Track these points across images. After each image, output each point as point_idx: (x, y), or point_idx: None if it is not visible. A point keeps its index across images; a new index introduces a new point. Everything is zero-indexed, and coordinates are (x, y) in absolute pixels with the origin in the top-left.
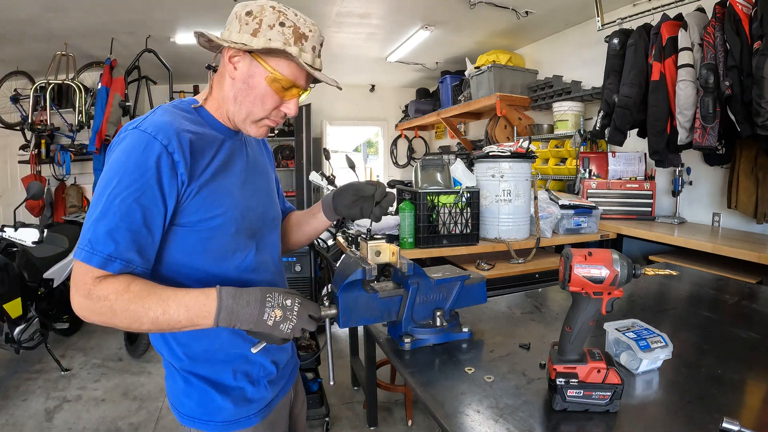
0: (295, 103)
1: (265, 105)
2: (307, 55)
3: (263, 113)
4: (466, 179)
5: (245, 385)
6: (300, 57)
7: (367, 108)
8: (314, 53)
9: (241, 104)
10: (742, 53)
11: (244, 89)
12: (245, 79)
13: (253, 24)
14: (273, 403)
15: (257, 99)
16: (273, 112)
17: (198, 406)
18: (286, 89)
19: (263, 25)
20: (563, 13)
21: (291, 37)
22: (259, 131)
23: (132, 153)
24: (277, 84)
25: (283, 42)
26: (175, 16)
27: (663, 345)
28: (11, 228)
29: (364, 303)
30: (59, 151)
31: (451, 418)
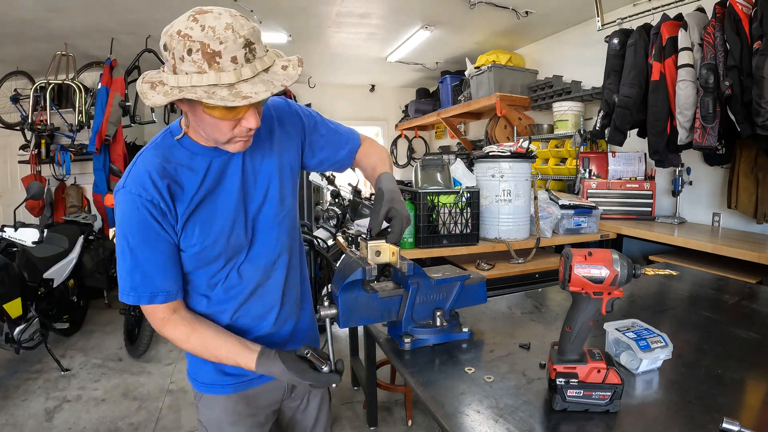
0: (250, 115)
1: (222, 130)
2: (227, 74)
3: (225, 137)
4: (466, 179)
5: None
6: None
7: (367, 108)
8: (237, 64)
9: (204, 133)
10: (742, 53)
11: (197, 122)
12: (193, 115)
13: (171, 59)
14: (253, 383)
15: (212, 127)
16: (235, 131)
17: (191, 364)
18: (230, 110)
19: (176, 59)
20: (563, 13)
21: (203, 62)
22: (236, 147)
23: (127, 213)
24: (217, 111)
25: (196, 72)
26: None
27: (663, 345)
28: (11, 228)
29: (364, 303)
30: (59, 151)
31: (451, 418)
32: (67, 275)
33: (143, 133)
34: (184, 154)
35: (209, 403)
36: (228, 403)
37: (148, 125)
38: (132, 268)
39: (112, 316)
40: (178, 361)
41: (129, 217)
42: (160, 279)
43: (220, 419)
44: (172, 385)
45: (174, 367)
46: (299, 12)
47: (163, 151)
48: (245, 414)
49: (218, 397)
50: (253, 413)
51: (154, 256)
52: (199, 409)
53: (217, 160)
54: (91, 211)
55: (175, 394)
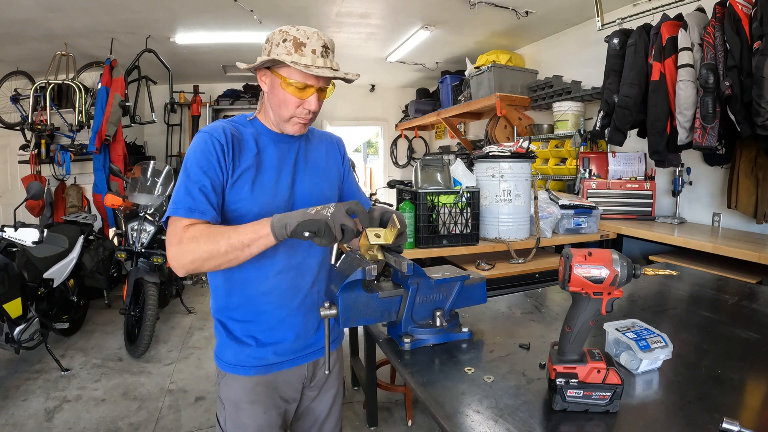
0: (313, 99)
1: (288, 106)
2: (306, 58)
3: (288, 113)
4: (466, 179)
5: (251, 343)
6: (300, 61)
7: (367, 108)
8: (315, 55)
9: (273, 109)
10: (742, 53)
11: (271, 97)
12: (271, 90)
13: (268, 47)
14: (274, 368)
15: (281, 102)
16: (297, 110)
17: (218, 345)
18: (301, 89)
19: (272, 46)
20: (563, 13)
21: (292, 48)
22: (294, 128)
23: (196, 145)
24: (291, 87)
25: (285, 53)
26: (175, 16)
27: (663, 345)
28: (11, 228)
29: (364, 303)
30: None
31: (451, 418)
32: (67, 275)
33: (143, 133)
34: (251, 131)
35: (231, 382)
36: (248, 384)
37: (148, 125)
38: (179, 187)
39: (112, 316)
40: (179, 361)
41: (194, 149)
42: (201, 200)
43: (239, 398)
44: (172, 385)
45: (174, 367)
46: (299, 12)
47: (236, 124)
48: (264, 395)
49: (240, 377)
50: (271, 395)
51: (202, 181)
52: (220, 387)
53: (274, 144)
54: (91, 211)
55: (175, 394)
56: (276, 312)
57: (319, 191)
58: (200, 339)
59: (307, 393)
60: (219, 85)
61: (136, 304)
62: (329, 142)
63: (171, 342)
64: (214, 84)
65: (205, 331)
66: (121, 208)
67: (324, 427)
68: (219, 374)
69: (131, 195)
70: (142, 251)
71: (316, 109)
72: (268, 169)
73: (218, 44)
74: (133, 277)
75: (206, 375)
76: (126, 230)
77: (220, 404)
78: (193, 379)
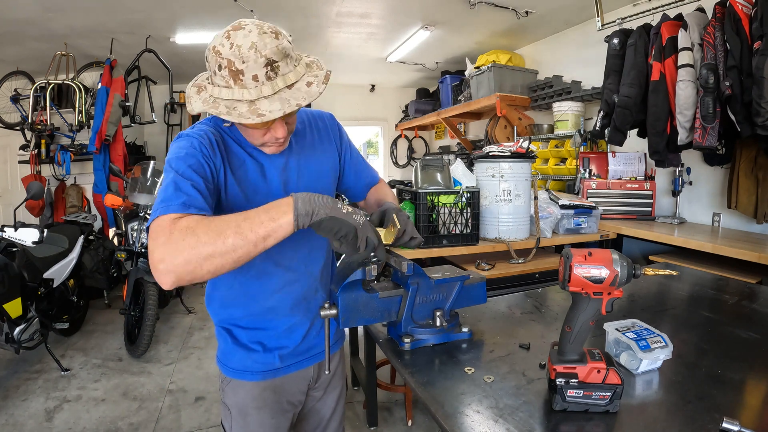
0: (278, 126)
1: (254, 136)
2: (249, 92)
3: (258, 141)
4: (466, 179)
5: (258, 348)
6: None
7: (367, 108)
8: (257, 82)
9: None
10: (742, 53)
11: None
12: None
13: (208, 67)
14: (281, 372)
15: (246, 132)
16: (266, 138)
17: (221, 351)
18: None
19: (212, 72)
20: (563, 13)
21: (229, 78)
22: (270, 150)
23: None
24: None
25: (224, 85)
26: (175, 16)
27: (663, 345)
28: (11, 228)
29: (364, 303)
30: (59, 151)
31: (451, 418)
32: (67, 275)
33: (143, 133)
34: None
35: (236, 388)
36: (255, 389)
37: (148, 125)
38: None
39: (112, 316)
40: (178, 361)
41: (179, 150)
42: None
43: (246, 404)
44: (172, 385)
45: (174, 367)
46: (299, 12)
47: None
48: (271, 400)
49: (247, 383)
50: (278, 400)
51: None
52: (225, 392)
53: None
54: (91, 211)
55: (175, 394)
56: (283, 320)
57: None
58: (200, 339)
59: (312, 394)
60: None
61: (136, 304)
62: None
63: (171, 342)
64: None
65: (205, 331)
66: (121, 208)
67: (329, 427)
68: (223, 380)
69: (131, 195)
70: (142, 251)
71: (285, 134)
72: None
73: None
74: (133, 277)
75: (206, 375)
76: (126, 230)
77: (224, 410)
78: (193, 379)
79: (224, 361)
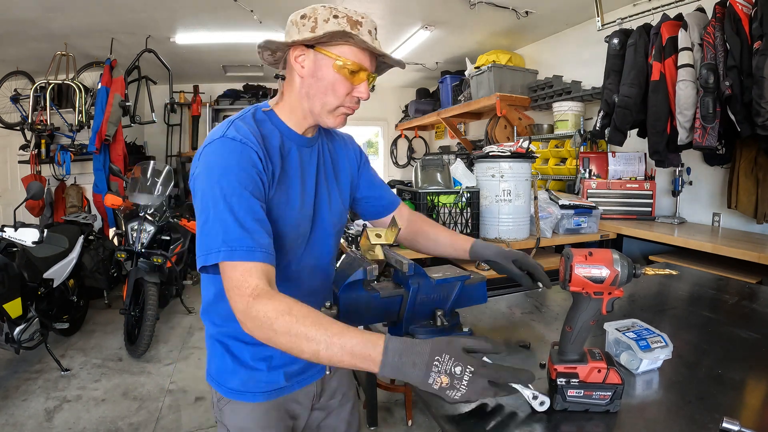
0: (365, 86)
1: (337, 93)
2: (366, 38)
3: (337, 101)
4: (466, 179)
5: (262, 367)
6: (359, 37)
7: (367, 108)
8: (371, 36)
9: (314, 97)
10: (742, 53)
11: (314, 83)
12: (314, 73)
13: (309, 23)
14: (285, 390)
15: (329, 88)
16: (346, 99)
17: (216, 369)
18: (354, 73)
19: (319, 21)
20: (563, 13)
21: (347, 24)
22: (336, 120)
23: (231, 156)
24: (344, 69)
25: (340, 29)
26: (175, 16)
27: (663, 345)
28: (11, 228)
29: (365, 303)
30: (59, 151)
31: (451, 419)
32: (67, 275)
33: (143, 133)
34: (273, 132)
35: (237, 409)
36: (258, 410)
37: (148, 125)
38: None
39: (112, 316)
40: (179, 361)
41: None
42: (260, 233)
43: (248, 425)
44: (172, 385)
45: (174, 367)
46: None
47: (258, 124)
48: (275, 419)
49: (248, 404)
50: (282, 417)
51: (253, 207)
52: (223, 412)
53: (296, 149)
54: (91, 211)
55: (175, 394)
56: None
57: (337, 205)
58: (200, 339)
59: (315, 413)
60: (219, 85)
61: (136, 304)
62: (343, 143)
63: (171, 342)
64: (214, 84)
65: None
66: (121, 208)
67: None
68: (220, 399)
69: (131, 195)
70: (142, 251)
71: (367, 97)
72: (294, 182)
73: (218, 44)
74: (133, 277)
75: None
76: (126, 230)
77: (222, 430)
78: (193, 379)
79: (220, 380)
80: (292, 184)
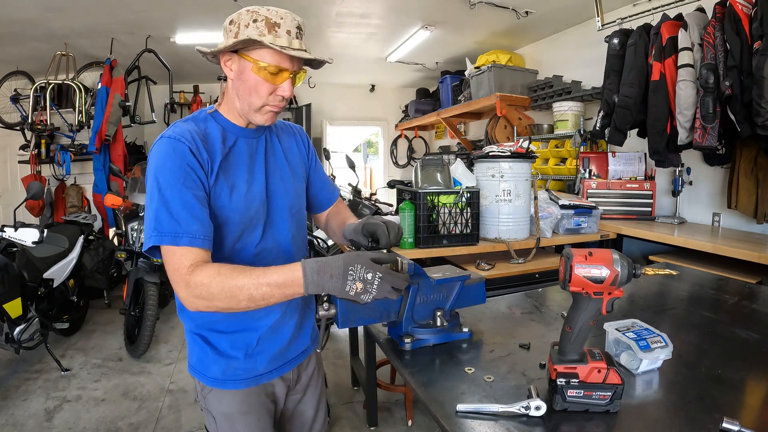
0: (287, 84)
1: (260, 93)
2: (282, 39)
3: (260, 101)
4: (466, 179)
5: (239, 355)
6: (275, 42)
7: (367, 108)
8: (290, 36)
9: (242, 98)
10: (742, 53)
11: (240, 84)
12: (239, 76)
13: (234, 29)
14: (263, 378)
15: (252, 89)
16: (270, 98)
17: (197, 360)
18: (274, 74)
19: (241, 27)
20: (563, 13)
21: (264, 28)
22: (264, 117)
23: (166, 154)
24: (264, 71)
25: (257, 34)
26: (175, 16)
27: (663, 345)
28: (11, 228)
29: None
30: (59, 151)
31: (451, 418)
32: (67, 275)
33: (143, 133)
34: (215, 127)
35: (219, 396)
36: (239, 396)
37: (148, 125)
38: (158, 209)
39: (112, 316)
40: (178, 361)
41: (164, 159)
42: (188, 220)
43: (232, 410)
44: (172, 385)
45: (174, 367)
46: (299, 12)
47: (197, 123)
48: (257, 404)
49: (229, 391)
50: (263, 402)
51: (183, 196)
52: (207, 400)
53: (242, 139)
54: (91, 211)
55: (175, 394)
56: (266, 319)
57: (291, 188)
58: None
59: (291, 397)
60: (219, 85)
61: (136, 304)
62: (292, 133)
63: (171, 342)
64: (214, 84)
65: None
66: (121, 208)
67: (313, 428)
68: (203, 388)
69: (131, 195)
70: (142, 251)
71: (291, 95)
72: (240, 170)
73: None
74: (133, 277)
75: None
76: (126, 230)
77: (208, 417)
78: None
79: (202, 370)
80: (237, 172)
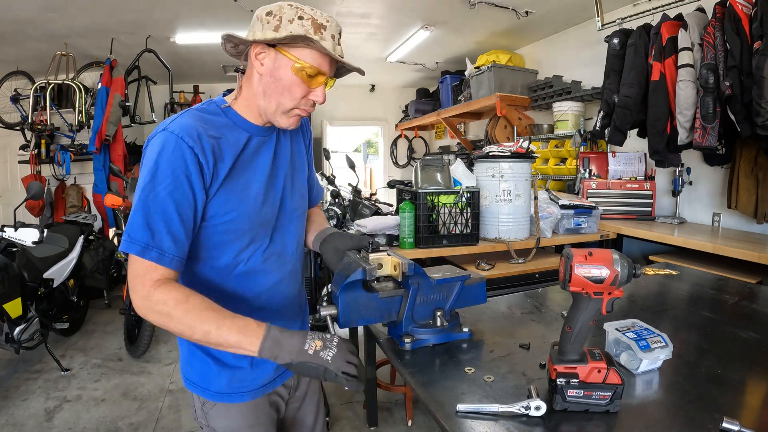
0: (322, 90)
1: (293, 94)
2: (327, 43)
3: (292, 103)
4: (466, 179)
5: (245, 365)
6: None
7: (367, 108)
8: (334, 41)
9: (270, 97)
10: (742, 53)
11: (271, 82)
12: (272, 72)
13: (274, 21)
14: (269, 387)
15: (285, 89)
16: (302, 101)
17: (197, 374)
18: (312, 77)
19: (283, 21)
20: (563, 13)
21: (310, 27)
22: (290, 121)
23: (162, 152)
24: (302, 72)
25: (303, 32)
26: (175, 16)
27: (663, 345)
28: (11, 228)
29: (364, 303)
30: (59, 151)
31: (451, 418)
32: (67, 275)
33: (143, 133)
34: (226, 123)
35: (223, 411)
36: (245, 409)
37: (148, 125)
38: (136, 211)
39: (112, 316)
40: (178, 361)
41: (159, 157)
42: (162, 235)
43: (237, 425)
44: (172, 385)
45: (174, 367)
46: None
47: (208, 116)
48: (263, 415)
49: (235, 404)
50: (268, 412)
51: (165, 207)
52: (208, 416)
53: (255, 138)
54: (91, 211)
55: (175, 394)
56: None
57: (297, 189)
58: None
59: (291, 405)
60: (219, 85)
61: None
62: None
63: (171, 342)
64: (214, 84)
65: None
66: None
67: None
68: (204, 404)
69: (131, 195)
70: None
71: (323, 102)
72: (252, 172)
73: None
74: None
75: None
76: None
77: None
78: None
79: (204, 385)
80: (250, 175)
